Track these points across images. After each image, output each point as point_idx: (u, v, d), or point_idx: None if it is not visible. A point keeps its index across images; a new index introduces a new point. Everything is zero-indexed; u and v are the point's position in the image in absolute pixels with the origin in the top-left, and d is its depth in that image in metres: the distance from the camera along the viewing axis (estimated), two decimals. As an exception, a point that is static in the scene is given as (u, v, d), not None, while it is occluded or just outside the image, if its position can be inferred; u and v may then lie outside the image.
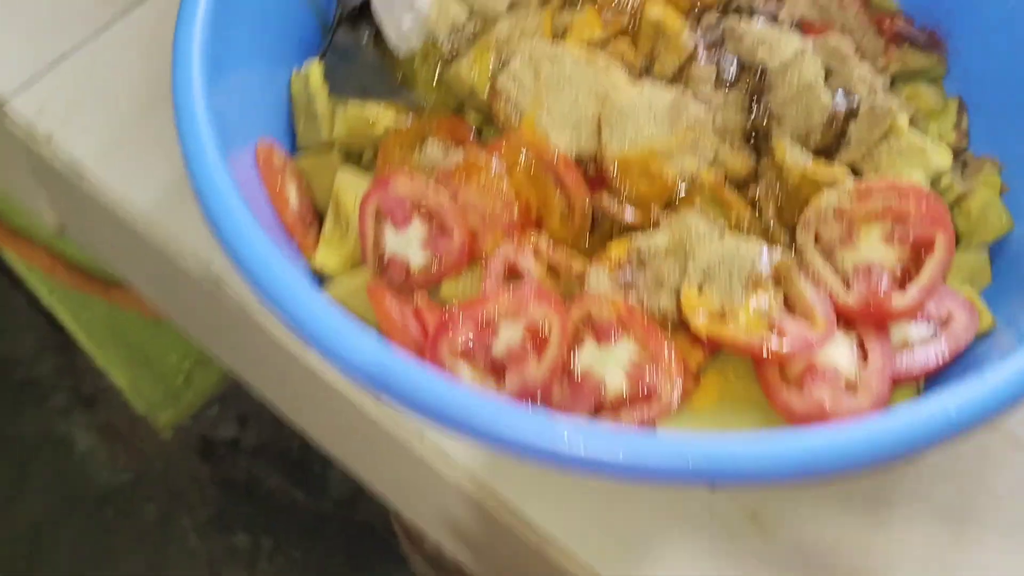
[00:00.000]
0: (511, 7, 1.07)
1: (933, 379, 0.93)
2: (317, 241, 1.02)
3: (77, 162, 1.16)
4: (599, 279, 0.91)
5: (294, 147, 1.09)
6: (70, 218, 1.36)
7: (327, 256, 1.00)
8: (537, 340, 0.89)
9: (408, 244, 0.97)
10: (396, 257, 0.97)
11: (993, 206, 1.03)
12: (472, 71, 1.02)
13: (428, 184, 0.96)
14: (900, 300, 0.90)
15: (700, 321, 0.87)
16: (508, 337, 0.89)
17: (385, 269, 0.98)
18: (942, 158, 1.00)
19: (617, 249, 0.93)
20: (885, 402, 0.86)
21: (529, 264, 0.94)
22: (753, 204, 0.98)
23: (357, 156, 1.08)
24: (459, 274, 0.96)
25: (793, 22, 1.09)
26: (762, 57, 0.99)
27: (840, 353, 0.89)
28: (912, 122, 1.07)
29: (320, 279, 1.01)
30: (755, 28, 1.01)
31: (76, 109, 1.20)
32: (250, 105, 1.04)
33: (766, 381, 0.88)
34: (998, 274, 1.01)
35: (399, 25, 1.05)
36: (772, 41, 1.00)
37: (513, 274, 0.95)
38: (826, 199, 0.94)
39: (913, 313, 0.90)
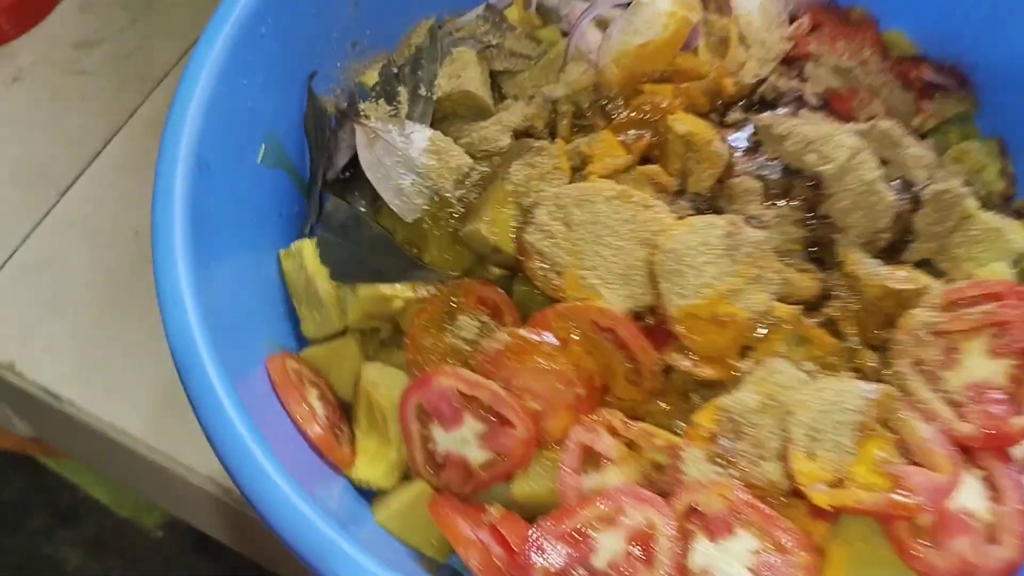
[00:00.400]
0: (517, 140, 0.96)
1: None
2: (353, 445, 0.91)
3: (47, 386, 1.03)
4: (696, 464, 0.81)
5: (298, 334, 0.98)
6: (47, 431, 1.23)
7: (368, 468, 0.89)
8: (643, 546, 0.78)
9: (464, 442, 0.86)
10: (452, 456, 0.86)
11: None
12: (492, 227, 0.91)
13: (476, 376, 0.85)
14: (1021, 421, 0.81)
15: (822, 495, 0.77)
16: (609, 549, 0.78)
17: (440, 471, 0.87)
18: (1021, 238, 0.91)
19: (705, 418, 0.83)
20: (1032, 542, 0.78)
21: (607, 445, 0.84)
22: (829, 327, 0.89)
23: (373, 332, 0.97)
24: (528, 467, 0.86)
25: (820, 99, 1.00)
26: (812, 162, 0.89)
27: (970, 495, 0.80)
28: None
29: (367, 492, 0.90)
30: (796, 127, 0.91)
31: (30, 330, 1.06)
32: (243, 300, 0.92)
33: (898, 541, 0.79)
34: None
35: (400, 187, 0.93)
36: (820, 142, 0.90)
37: (590, 456, 0.85)
38: (919, 318, 0.84)
39: (1036, 431, 0.82)
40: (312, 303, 0.95)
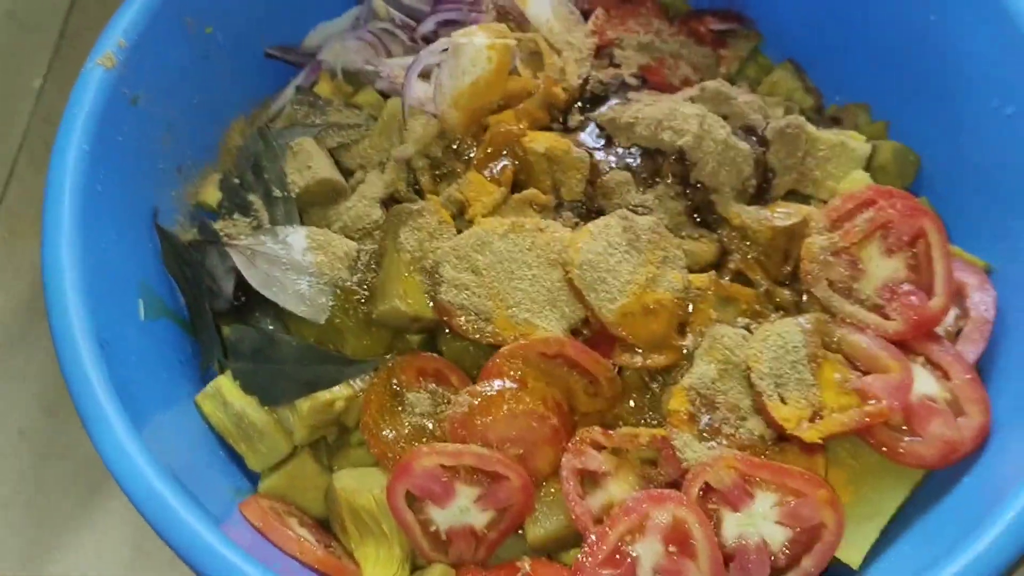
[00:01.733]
0: (388, 209, 0.96)
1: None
2: (352, 557, 0.89)
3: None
4: (690, 447, 0.84)
5: (247, 471, 0.94)
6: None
7: (377, 573, 0.88)
8: (678, 542, 0.81)
9: (463, 511, 0.86)
10: (455, 529, 0.86)
11: (901, 152, 1.05)
12: (406, 300, 0.90)
13: (454, 445, 0.85)
14: (937, 303, 0.89)
15: (810, 431, 0.83)
16: (650, 557, 0.81)
17: (448, 548, 0.87)
18: (862, 144, 1.00)
19: (678, 402, 0.86)
20: (989, 405, 0.86)
21: (598, 461, 0.86)
22: (740, 279, 0.95)
23: (320, 441, 0.95)
24: (533, 511, 0.87)
25: (638, 78, 1.05)
26: (670, 139, 0.94)
27: (922, 382, 0.88)
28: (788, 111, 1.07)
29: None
30: (639, 112, 0.96)
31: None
32: (191, 455, 0.89)
33: (882, 445, 0.85)
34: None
35: (300, 293, 0.91)
36: (668, 119, 0.95)
37: (586, 476, 0.87)
38: (816, 244, 0.91)
39: (949, 307, 0.91)
40: (250, 436, 0.92)
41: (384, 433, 0.89)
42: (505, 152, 0.97)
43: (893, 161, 1.04)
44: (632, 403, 0.91)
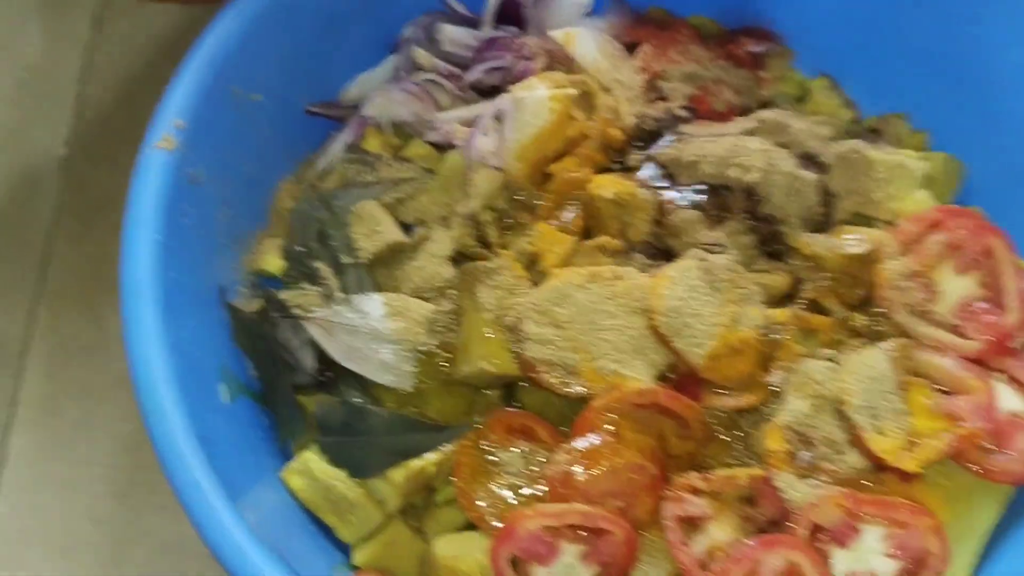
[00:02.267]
0: (460, 267, 0.96)
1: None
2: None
3: None
4: (793, 487, 0.86)
5: (338, 542, 0.94)
6: None
7: (483, 635, 0.89)
8: (793, 585, 0.83)
9: (569, 568, 0.86)
10: (562, 587, 0.87)
11: (947, 161, 1.07)
12: (492, 360, 0.91)
13: (557, 506, 0.86)
14: (1012, 318, 0.91)
15: (910, 464, 0.85)
16: (767, 604, 0.82)
17: (558, 605, 0.88)
18: (919, 162, 1.01)
19: (774, 442, 0.88)
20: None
21: (699, 506, 0.87)
22: (816, 309, 0.96)
23: (410, 507, 0.95)
24: (637, 562, 0.88)
25: (687, 109, 1.05)
26: (738, 175, 0.95)
27: (1006, 398, 0.89)
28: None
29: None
30: (702, 149, 0.96)
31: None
32: (286, 533, 0.90)
33: (974, 464, 0.87)
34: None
35: (383, 362, 0.91)
36: (733, 155, 0.95)
37: (687, 522, 0.88)
38: (892, 269, 0.92)
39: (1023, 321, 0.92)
40: (340, 509, 0.92)
41: (477, 499, 0.90)
42: (571, 199, 0.97)
43: (942, 171, 1.05)
44: (722, 443, 0.92)
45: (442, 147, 1.04)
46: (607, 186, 0.96)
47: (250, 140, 1.01)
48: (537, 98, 0.96)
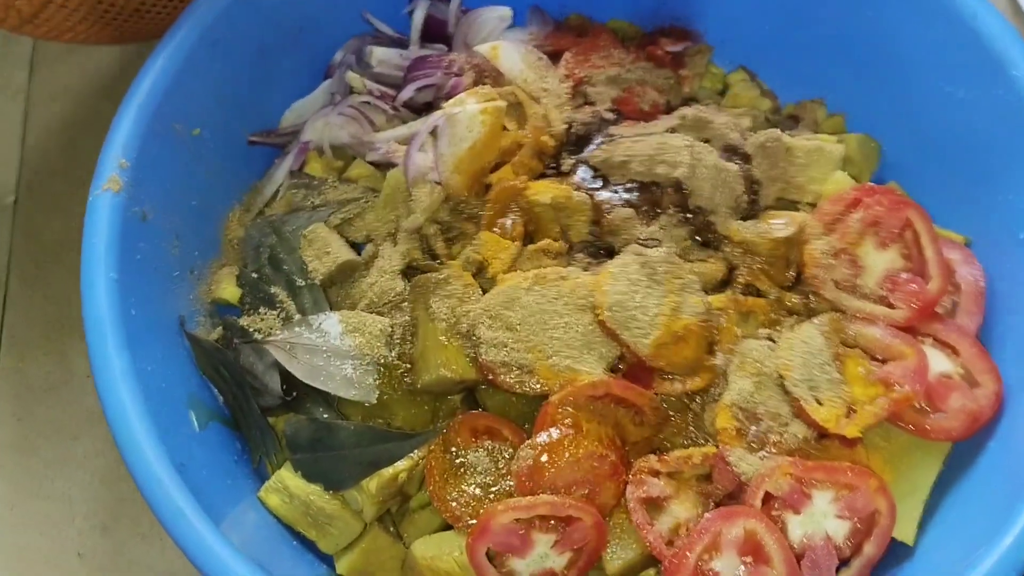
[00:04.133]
0: (411, 280, 1.00)
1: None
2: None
3: None
4: (745, 461, 0.91)
5: (319, 554, 0.97)
6: None
7: (467, 632, 0.92)
8: (752, 552, 0.88)
9: (543, 557, 0.91)
10: (536, 575, 0.91)
11: (863, 141, 1.12)
12: (451, 366, 0.95)
13: (526, 499, 0.90)
14: (935, 285, 0.97)
15: (849, 428, 0.90)
16: (730, 570, 0.87)
17: (535, 593, 0.92)
18: (836, 145, 1.07)
19: (724, 420, 0.93)
20: (999, 372, 0.94)
21: (659, 487, 0.92)
22: (751, 292, 1.01)
23: (385, 513, 0.99)
24: (607, 544, 0.92)
25: (613, 112, 1.10)
26: (666, 172, 1.00)
27: (935, 361, 0.95)
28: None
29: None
30: (631, 149, 1.01)
31: None
32: (268, 554, 0.91)
33: (911, 424, 0.93)
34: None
35: (347, 378, 0.95)
36: (660, 153, 1.00)
37: (650, 503, 0.92)
38: (817, 249, 0.98)
39: (946, 288, 0.98)
40: (319, 522, 0.95)
41: (449, 499, 0.94)
42: (511, 207, 1.01)
43: (858, 151, 1.11)
44: (676, 425, 0.96)
45: (382, 166, 1.08)
46: (544, 192, 1.00)
47: (196, 173, 1.04)
48: (469, 113, 1.00)
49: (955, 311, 0.99)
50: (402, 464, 0.95)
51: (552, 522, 0.91)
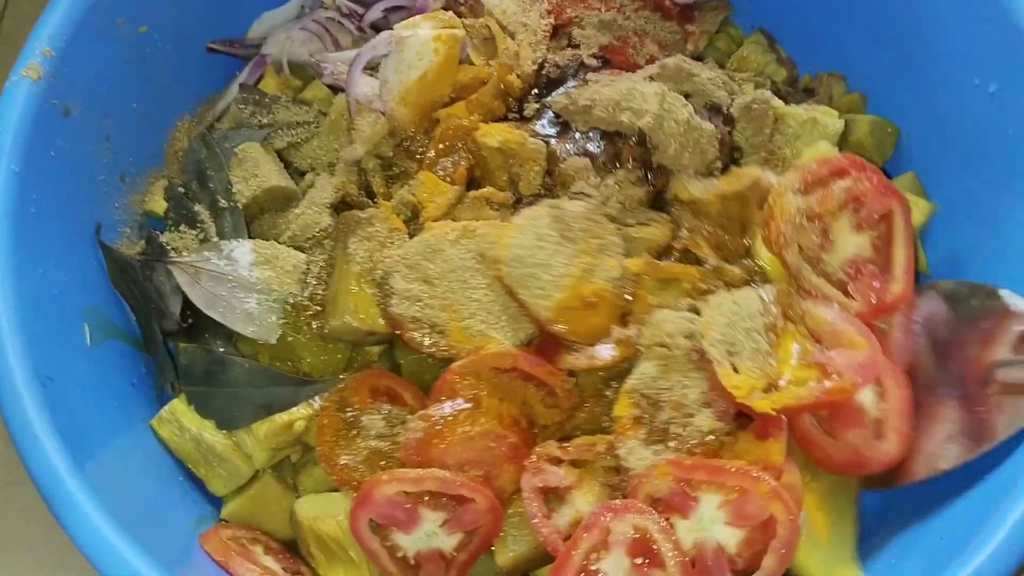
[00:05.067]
0: (339, 215, 0.92)
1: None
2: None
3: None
4: (635, 455, 0.81)
5: (210, 496, 0.92)
6: None
7: (351, 600, 0.85)
8: (644, 552, 0.78)
9: (430, 536, 0.83)
10: (424, 553, 0.83)
11: (879, 125, 1.00)
12: (358, 315, 0.87)
13: (414, 471, 0.82)
14: (896, 288, 0.85)
15: (761, 404, 0.78)
16: (619, 571, 0.78)
17: (419, 572, 0.84)
18: (834, 120, 0.95)
19: (621, 408, 0.82)
20: (909, 441, 0.83)
21: (558, 476, 0.83)
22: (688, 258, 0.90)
23: (284, 461, 0.92)
24: (502, 532, 0.84)
25: (598, 58, 1.00)
26: (629, 120, 0.89)
27: (864, 392, 0.83)
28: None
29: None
30: (597, 94, 0.91)
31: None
32: (144, 488, 0.86)
33: (801, 433, 0.82)
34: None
35: (248, 313, 0.88)
36: (626, 100, 0.89)
37: (551, 493, 0.84)
38: (791, 202, 0.85)
39: (909, 296, 0.86)
40: (210, 461, 0.89)
41: (338, 459, 0.87)
42: (459, 148, 0.92)
43: (870, 135, 1.00)
44: (589, 411, 0.87)
45: (339, 90, 0.99)
46: (493, 134, 0.91)
47: (139, 76, 0.97)
48: (421, 38, 0.91)
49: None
50: (300, 412, 0.88)
51: (443, 500, 0.83)
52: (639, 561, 0.78)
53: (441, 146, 0.92)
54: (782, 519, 0.78)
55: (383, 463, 0.86)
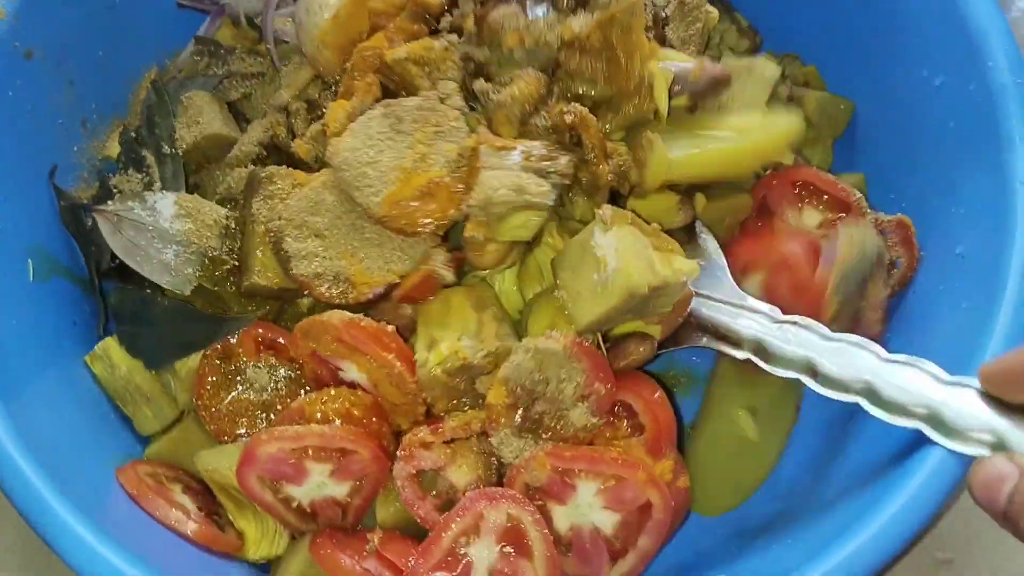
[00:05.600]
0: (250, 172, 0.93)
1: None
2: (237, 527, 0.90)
3: None
4: (507, 445, 0.81)
5: (138, 436, 0.95)
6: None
7: (258, 545, 0.88)
8: (514, 541, 0.79)
9: (321, 485, 0.85)
10: (318, 502, 0.85)
11: (828, 101, 0.98)
12: (267, 273, 0.88)
13: (294, 429, 0.83)
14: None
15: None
16: (485, 559, 0.79)
17: (316, 518, 0.87)
18: (770, 65, 0.92)
19: (495, 396, 0.82)
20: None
21: (431, 459, 0.84)
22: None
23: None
24: (386, 487, 0.86)
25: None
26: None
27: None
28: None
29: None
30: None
31: None
32: (70, 423, 0.89)
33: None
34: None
35: (165, 263, 0.90)
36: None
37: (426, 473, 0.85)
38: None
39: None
40: (138, 400, 0.93)
41: (220, 408, 0.90)
42: (374, 75, 0.89)
43: (818, 111, 0.97)
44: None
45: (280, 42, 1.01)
46: (397, 49, 0.88)
47: (106, 25, 1.00)
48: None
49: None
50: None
51: (327, 452, 0.84)
52: (508, 550, 0.79)
53: (355, 76, 0.89)
54: (658, 502, 0.79)
55: (264, 415, 0.89)
